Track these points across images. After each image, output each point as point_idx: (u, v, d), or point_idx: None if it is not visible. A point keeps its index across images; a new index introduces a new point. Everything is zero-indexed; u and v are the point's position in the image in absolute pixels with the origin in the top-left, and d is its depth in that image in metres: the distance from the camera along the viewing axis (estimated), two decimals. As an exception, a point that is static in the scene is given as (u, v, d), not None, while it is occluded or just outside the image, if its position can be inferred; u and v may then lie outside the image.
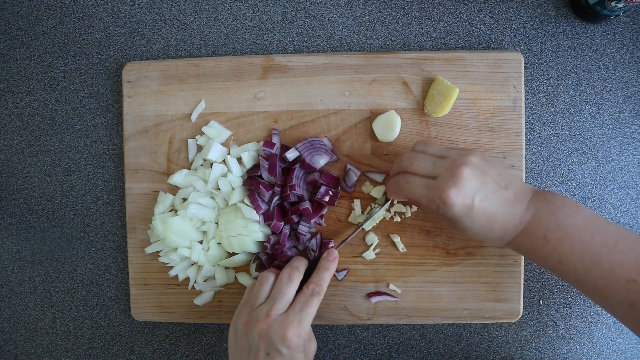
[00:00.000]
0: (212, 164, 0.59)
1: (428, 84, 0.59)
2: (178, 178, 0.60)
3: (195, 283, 0.62)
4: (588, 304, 0.62)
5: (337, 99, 0.60)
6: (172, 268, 0.61)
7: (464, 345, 0.63)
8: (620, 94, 0.61)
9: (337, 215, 0.61)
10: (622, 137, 0.61)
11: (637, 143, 0.61)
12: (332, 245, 0.59)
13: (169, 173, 0.62)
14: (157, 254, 0.62)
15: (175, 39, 0.64)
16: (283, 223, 0.58)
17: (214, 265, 0.61)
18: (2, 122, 0.66)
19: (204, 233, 0.60)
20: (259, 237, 0.58)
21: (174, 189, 0.62)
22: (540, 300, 0.62)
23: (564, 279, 0.48)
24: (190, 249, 0.60)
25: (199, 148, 0.62)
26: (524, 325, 0.62)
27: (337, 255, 0.56)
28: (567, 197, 0.48)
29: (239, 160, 0.60)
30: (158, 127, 0.62)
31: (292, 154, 0.58)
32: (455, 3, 0.62)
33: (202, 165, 0.61)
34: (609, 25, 0.60)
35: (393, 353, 0.64)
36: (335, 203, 0.59)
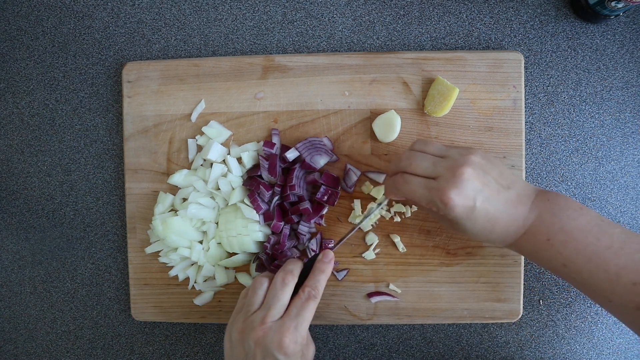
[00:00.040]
0: (212, 164, 0.59)
1: (428, 84, 0.59)
2: (178, 178, 0.60)
3: (195, 283, 0.62)
4: (588, 304, 0.62)
5: (337, 99, 0.60)
6: (172, 268, 0.61)
7: (464, 345, 0.63)
8: (620, 94, 0.61)
9: (337, 215, 0.61)
10: (622, 137, 0.61)
11: (637, 143, 0.61)
12: (331, 245, 0.58)
13: (169, 173, 0.62)
14: (157, 254, 0.62)
15: (175, 39, 0.64)
16: (283, 223, 0.58)
17: (214, 265, 0.61)
18: (2, 122, 0.66)
19: (204, 233, 0.60)
20: (259, 237, 0.58)
21: (174, 189, 0.62)
22: (540, 300, 0.62)
23: (568, 281, 0.47)
24: (190, 249, 0.60)
25: (199, 148, 0.62)
26: (524, 325, 0.62)
27: (332, 257, 0.54)
28: (570, 198, 0.48)
29: (239, 160, 0.60)
30: (158, 127, 0.62)
31: (292, 154, 0.58)
32: (455, 3, 0.62)
33: (202, 165, 0.61)
34: (609, 25, 0.60)
35: (393, 353, 0.64)
36: (335, 203, 0.59)
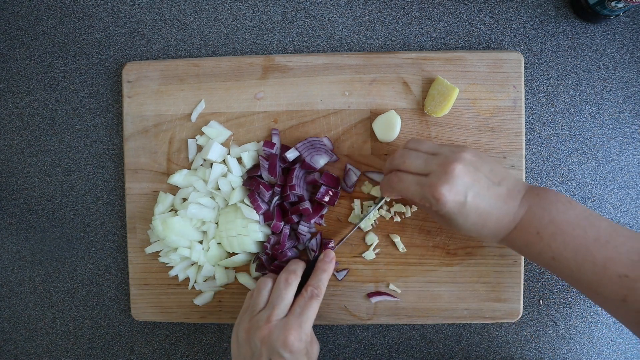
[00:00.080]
0: (212, 164, 0.59)
1: (428, 84, 0.59)
2: (178, 178, 0.60)
3: (195, 283, 0.62)
4: (588, 304, 0.62)
5: (337, 99, 0.60)
6: (172, 268, 0.61)
7: (464, 345, 0.63)
8: (620, 94, 0.61)
9: (337, 215, 0.61)
10: (622, 137, 0.61)
11: (637, 143, 0.61)
12: (331, 245, 0.59)
13: (169, 173, 0.62)
14: (157, 254, 0.62)
15: (175, 39, 0.64)
16: (283, 223, 0.58)
17: (214, 265, 0.61)
18: (2, 122, 0.66)
19: (204, 233, 0.60)
20: (259, 237, 0.58)
21: (174, 189, 0.62)
22: (540, 300, 0.62)
23: (558, 275, 0.48)
24: (190, 249, 0.60)
25: (199, 148, 0.62)
26: (524, 325, 0.62)
27: (334, 256, 0.56)
28: (560, 192, 0.49)
29: (239, 160, 0.60)
30: (158, 127, 0.62)
31: (292, 154, 0.58)
32: (455, 3, 0.62)
33: (202, 165, 0.61)
34: (609, 25, 0.60)
35: (393, 353, 0.64)
36: (335, 203, 0.59)
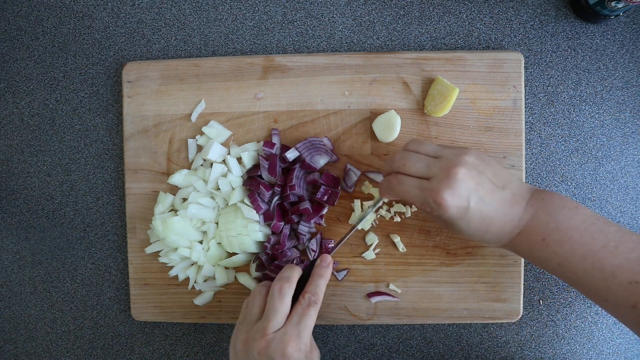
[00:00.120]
0: (212, 164, 0.59)
1: (428, 84, 0.59)
2: (178, 178, 0.60)
3: (195, 283, 0.62)
4: (588, 304, 0.62)
5: (337, 99, 0.60)
6: (172, 268, 0.61)
7: (464, 345, 0.63)
8: (620, 94, 0.61)
9: (337, 215, 0.61)
10: (622, 137, 0.61)
11: (637, 143, 0.61)
12: (331, 246, 0.59)
13: (169, 173, 0.62)
14: (157, 254, 0.62)
15: (175, 39, 0.64)
16: (283, 223, 0.58)
17: (214, 265, 0.61)
18: (2, 122, 0.66)
19: (204, 233, 0.60)
20: (259, 237, 0.58)
21: (174, 189, 0.62)
22: (540, 300, 0.62)
23: (564, 280, 0.47)
24: (190, 249, 0.60)
25: (199, 148, 0.62)
26: (524, 325, 0.62)
27: (331, 261, 0.54)
28: (566, 197, 0.48)
29: (239, 160, 0.60)
30: (158, 127, 0.62)
31: (292, 154, 0.58)
32: (455, 3, 0.62)
33: (202, 165, 0.61)
34: (609, 25, 0.60)
35: (393, 353, 0.64)
36: (335, 203, 0.59)
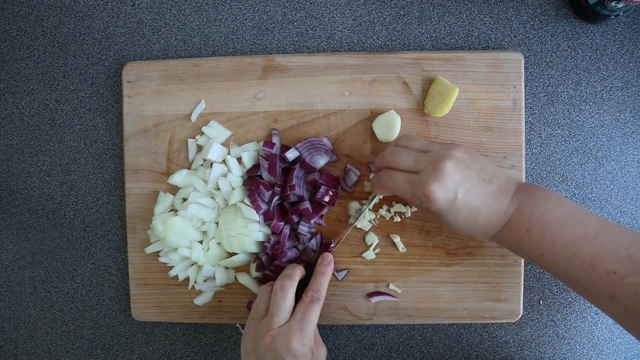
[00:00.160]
0: (212, 164, 0.59)
1: (428, 84, 0.59)
2: (178, 178, 0.60)
3: (195, 283, 0.62)
4: (588, 304, 0.62)
5: (337, 99, 0.60)
6: (172, 268, 0.61)
7: (464, 345, 0.63)
8: (620, 94, 0.61)
9: (337, 215, 0.61)
10: (622, 137, 0.61)
11: (637, 143, 0.61)
12: (332, 245, 0.59)
13: (169, 173, 0.62)
14: (157, 254, 0.62)
15: (175, 39, 0.64)
16: (283, 223, 0.58)
17: (214, 265, 0.61)
18: (2, 122, 0.66)
19: (204, 233, 0.60)
20: (259, 237, 0.58)
21: (174, 189, 0.62)
22: (540, 300, 0.62)
23: (548, 272, 0.48)
24: (190, 249, 0.60)
25: (199, 148, 0.62)
26: (524, 325, 0.62)
27: (332, 259, 0.56)
28: (551, 190, 0.49)
29: (239, 160, 0.60)
30: (158, 127, 0.62)
31: (292, 154, 0.58)
32: (455, 3, 0.62)
33: (202, 165, 0.61)
34: (609, 25, 0.60)
35: (393, 353, 0.64)
36: (335, 203, 0.59)
